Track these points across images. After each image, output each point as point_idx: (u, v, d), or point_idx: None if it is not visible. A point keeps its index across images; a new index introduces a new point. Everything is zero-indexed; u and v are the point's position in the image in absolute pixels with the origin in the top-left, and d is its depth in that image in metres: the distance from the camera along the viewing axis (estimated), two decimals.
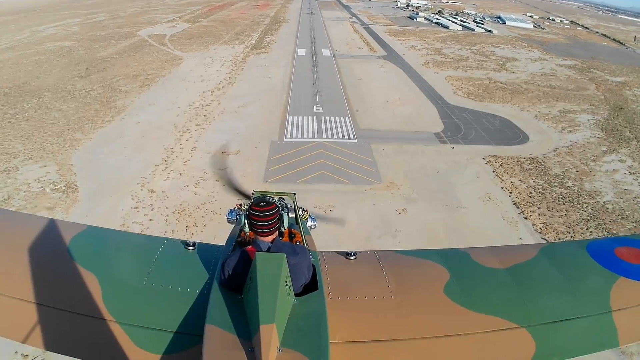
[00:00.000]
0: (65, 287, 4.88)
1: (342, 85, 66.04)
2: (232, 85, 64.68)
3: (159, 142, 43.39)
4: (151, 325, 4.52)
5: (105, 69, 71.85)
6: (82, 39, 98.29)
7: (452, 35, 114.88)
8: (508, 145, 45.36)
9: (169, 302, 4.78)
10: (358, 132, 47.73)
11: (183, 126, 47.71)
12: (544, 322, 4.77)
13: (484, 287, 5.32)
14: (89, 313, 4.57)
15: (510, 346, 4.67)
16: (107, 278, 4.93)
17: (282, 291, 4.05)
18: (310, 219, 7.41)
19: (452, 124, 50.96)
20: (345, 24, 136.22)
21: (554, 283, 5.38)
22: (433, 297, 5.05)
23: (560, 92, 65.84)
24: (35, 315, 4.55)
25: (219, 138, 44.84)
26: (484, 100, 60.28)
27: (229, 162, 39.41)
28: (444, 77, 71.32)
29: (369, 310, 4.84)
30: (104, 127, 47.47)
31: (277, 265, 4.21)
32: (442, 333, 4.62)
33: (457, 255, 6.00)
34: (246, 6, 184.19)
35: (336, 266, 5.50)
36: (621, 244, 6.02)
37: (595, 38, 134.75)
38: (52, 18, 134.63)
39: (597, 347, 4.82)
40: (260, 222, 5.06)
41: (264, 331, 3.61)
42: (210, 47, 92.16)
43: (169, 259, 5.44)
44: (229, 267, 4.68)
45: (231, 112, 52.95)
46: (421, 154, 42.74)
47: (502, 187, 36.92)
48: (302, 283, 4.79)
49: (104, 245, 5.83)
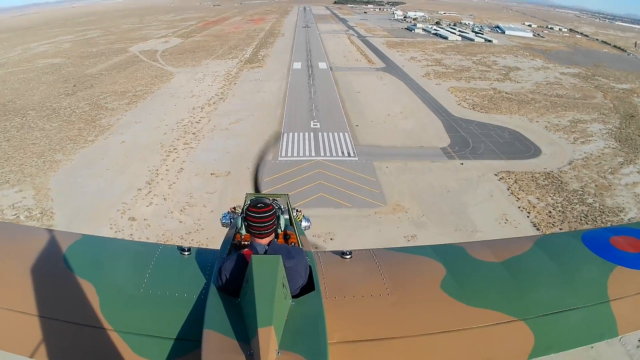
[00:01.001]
0: (63, 297, 4.76)
1: (340, 99, 63.52)
2: (223, 101, 62.16)
3: (143, 163, 40.43)
4: (150, 332, 4.42)
5: (93, 85, 70.36)
6: (72, 56, 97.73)
7: (451, 46, 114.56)
8: (520, 160, 42.64)
9: (166, 308, 4.66)
10: (359, 148, 44.59)
11: (170, 145, 44.72)
12: (541, 314, 4.72)
13: (481, 281, 5.23)
14: (87, 322, 4.49)
15: (509, 339, 4.61)
16: (104, 286, 4.83)
17: (279, 293, 3.96)
18: (304, 219, 7.30)
19: (459, 137, 48.07)
20: (342, 37, 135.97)
21: (551, 274, 5.31)
22: (430, 293, 4.97)
23: (567, 101, 64.02)
24: (32, 326, 4.47)
25: (208, 158, 41.77)
26: (490, 111, 58.12)
27: (217, 184, 36.25)
28: (446, 89, 69.37)
29: (367, 309, 4.77)
30: (87, 147, 44.85)
31: (273, 267, 4.11)
32: (441, 329, 4.56)
33: (453, 250, 5.94)
34: (241, 21, 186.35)
35: (332, 266, 5.42)
36: (616, 233, 5.98)
37: (596, 45, 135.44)
38: (45, 35, 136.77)
39: (596, 338, 4.78)
40: (258, 223, 4.94)
41: (262, 334, 3.55)
42: (203, 62, 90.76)
43: (165, 265, 5.31)
44: (226, 271, 4.60)
45: (222, 129, 50.05)
46: (428, 171, 39.59)
47: (519, 207, 33.98)
48: (299, 284, 4.70)
49: (100, 253, 5.70)
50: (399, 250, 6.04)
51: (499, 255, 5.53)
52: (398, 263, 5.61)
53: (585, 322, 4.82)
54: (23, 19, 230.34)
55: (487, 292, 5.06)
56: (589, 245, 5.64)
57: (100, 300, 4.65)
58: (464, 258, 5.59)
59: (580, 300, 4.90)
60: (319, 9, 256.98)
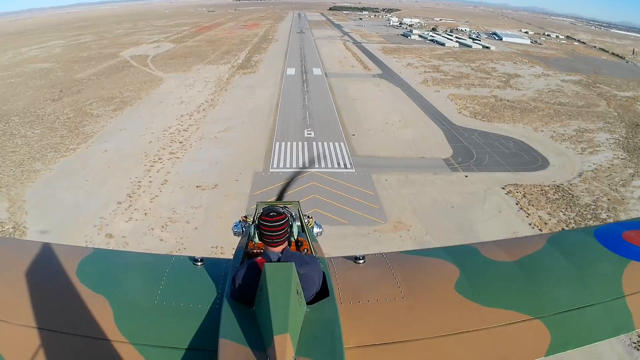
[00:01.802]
0: (76, 312, 4.58)
1: (335, 107, 61.22)
2: (213, 107, 59.80)
3: (125, 174, 37.85)
4: (164, 343, 4.31)
5: (80, 91, 68.45)
6: (62, 61, 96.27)
7: (449, 52, 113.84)
8: (528, 172, 40.47)
9: (180, 319, 4.54)
10: (356, 160, 41.97)
11: (155, 155, 42.10)
12: (557, 312, 4.64)
13: (495, 281, 5.13)
14: (102, 336, 4.35)
15: (525, 338, 4.50)
16: (117, 300, 4.68)
17: (294, 300, 3.82)
18: (316, 225, 7.06)
19: (462, 148, 45.69)
20: (337, 43, 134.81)
21: (564, 272, 5.23)
22: (444, 295, 4.85)
23: (571, 109, 62.37)
24: (47, 342, 4.31)
25: (195, 169, 39.15)
26: (492, 120, 56.16)
27: (203, 198, 33.61)
28: (446, 96, 67.65)
29: (381, 313, 4.65)
30: (68, 156, 42.44)
31: (287, 275, 3.98)
32: (456, 330, 4.45)
33: (466, 251, 5.83)
34: (234, 26, 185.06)
35: (346, 271, 5.29)
36: (628, 228, 5.86)
37: (594, 52, 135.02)
38: (38, 40, 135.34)
39: (612, 333, 4.73)
40: (271, 232, 4.73)
41: (278, 341, 3.42)
42: (194, 67, 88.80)
43: (178, 276, 5.17)
44: (239, 280, 4.46)
45: (210, 138, 47.43)
46: (431, 184, 37.10)
47: (530, 224, 31.64)
48: (314, 291, 4.60)
49: (112, 267, 5.56)
50: (412, 253, 5.95)
51: (512, 254, 5.44)
52: (411, 266, 5.51)
53: (601, 317, 4.71)
54: (18, 24, 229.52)
55: (501, 291, 4.96)
56: (602, 240, 5.55)
57: (115, 314, 4.50)
58: (477, 258, 5.48)
59: (595, 296, 4.81)
60: (313, 15, 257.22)
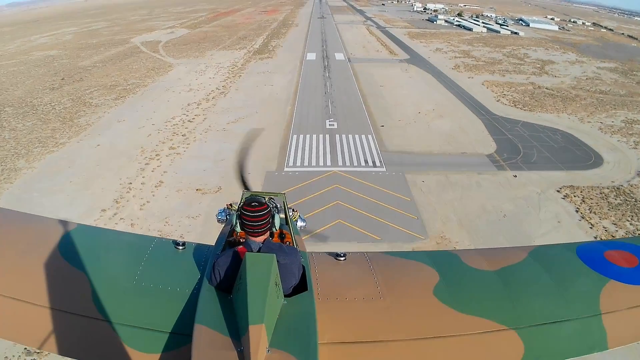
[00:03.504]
0: (55, 286, 4.70)
1: (360, 94, 55.31)
2: (224, 95, 54.40)
3: (115, 175, 32.66)
4: (141, 324, 4.35)
5: (83, 79, 63.95)
6: (70, 48, 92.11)
7: (477, 38, 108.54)
8: (582, 170, 34.91)
9: (158, 301, 4.58)
10: (386, 156, 36.00)
11: (152, 150, 36.79)
12: (532, 324, 4.65)
13: (473, 289, 5.12)
14: (79, 312, 4.45)
15: (499, 348, 4.54)
16: (96, 277, 4.77)
17: (272, 291, 3.90)
18: (300, 219, 7.20)
19: (506, 141, 39.80)
20: (360, 27, 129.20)
21: (543, 285, 5.22)
22: (422, 298, 4.88)
23: (613, 98, 57.13)
24: (24, 313, 4.45)
25: (196, 167, 33.67)
26: (534, 109, 50.59)
27: (202, 205, 28.09)
28: (480, 82, 62.24)
29: (358, 311, 4.70)
30: (55, 151, 37.53)
31: (267, 266, 4.03)
32: (431, 334, 4.51)
33: (447, 257, 5.89)
34: (253, 12, 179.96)
35: (326, 267, 5.33)
36: (611, 247, 5.95)
37: (624, 40, 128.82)
38: (50, 28, 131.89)
39: (586, 350, 4.69)
40: (252, 222, 4.82)
41: (253, 331, 3.49)
42: (207, 52, 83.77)
43: (159, 258, 5.24)
44: (220, 267, 4.48)
45: (218, 130, 41.94)
46: (476, 187, 31.21)
47: (595, 237, 26.20)
48: (292, 284, 4.62)
49: (95, 243, 5.58)
50: (394, 255, 5.80)
51: (493, 264, 5.40)
52: (392, 267, 5.45)
53: (576, 334, 4.73)
54: (33, 13, 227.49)
55: (479, 300, 4.91)
56: (583, 258, 5.53)
57: (93, 291, 4.55)
58: (458, 265, 5.43)
59: (572, 312, 4.82)
60: (335, 1, 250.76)
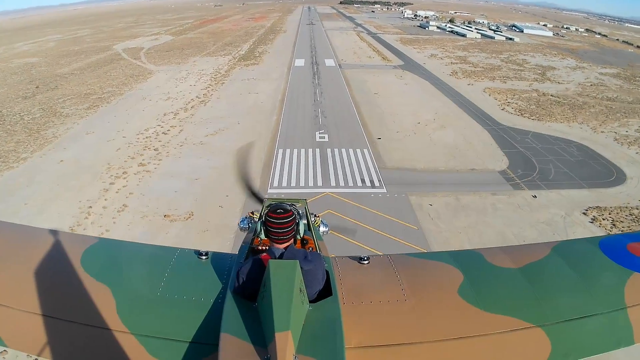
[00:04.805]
0: (79, 300, 4.57)
1: (353, 103, 51.49)
2: (205, 104, 50.33)
3: (75, 196, 28.35)
4: (166, 335, 4.30)
5: (58, 86, 60.76)
6: (51, 55, 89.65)
7: (472, 44, 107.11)
8: (605, 188, 31.16)
9: (183, 311, 4.50)
10: (386, 174, 31.59)
11: (119, 167, 32.41)
12: (559, 321, 4.53)
13: (498, 288, 4.95)
14: (104, 325, 4.36)
15: (526, 346, 4.39)
16: (120, 290, 4.67)
17: (297, 298, 3.77)
18: (322, 224, 7.23)
19: (518, 155, 35.71)
20: (350, 33, 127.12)
21: (568, 281, 5.05)
22: (447, 299, 4.73)
23: (622, 105, 54.40)
24: (49, 328, 4.37)
25: (167, 188, 29.33)
26: (543, 118, 47.14)
27: (170, 235, 23.69)
28: (482, 90, 59.23)
29: (384, 314, 4.56)
30: (15, 168, 33.45)
31: (291, 272, 3.90)
32: (457, 335, 4.38)
33: (470, 256, 5.68)
34: (241, 19, 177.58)
35: (350, 271, 5.14)
36: (634, 240, 5.74)
37: (619, 45, 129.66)
38: (35, 35, 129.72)
39: (612, 345, 4.53)
40: (278, 229, 4.76)
41: (280, 338, 3.38)
42: (190, 59, 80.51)
43: (182, 268, 5.09)
44: (243, 275, 4.39)
45: (194, 143, 37.61)
46: (492, 210, 26.92)
47: None
48: (317, 289, 4.48)
49: (117, 257, 5.46)
50: (417, 256, 5.65)
51: (517, 261, 5.22)
52: (415, 269, 5.29)
53: (602, 329, 4.56)
54: (21, 20, 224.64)
55: (504, 298, 4.77)
56: (606, 251, 5.33)
57: (117, 303, 4.48)
58: (482, 264, 5.25)
59: (597, 307, 4.65)
60: (324, 8, 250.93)
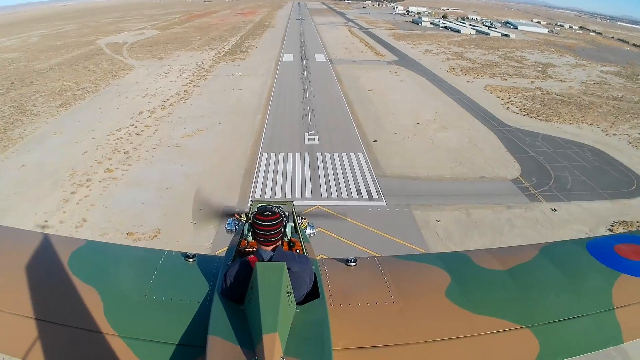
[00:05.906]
0: (66, 302, 4.65)
1: (345, 100, 47.80)
2: (184, 101, 46.56)
3: (32, 207, 24.61)
4: (153, 337, 4.34)
5: (33, 82, 57.00)
6: (32, 50, 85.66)
7: (467, 40, 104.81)
8: (628, 198, 27.88)
9: (170, 314, 4.58)
10: (384, 183, 27.77)
11: (84, 173, 28.63)
12: (546, 322, 4.66)
13: (486, 289, 5.12)
14: (91, 327, 4.41)
15: (514, 347, 4.51)
16: (108, 292, 4.75)
17: (284, 300, 3.88)
18: (309, 227, 7.27)
19: (530, 161, 32.23)
20: (341, 28, 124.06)
21: (555, 282, 5.23)
22: (435, 300, 4.89)
23: (629, 105, 51.84)
24: (36, 331, 4.39)
25: (133, 199, 25.48)
26: (550, 118, 44.02)
27: None
28: (482, 87, 56.33)
29: (371, 316, 4.69)
30: None
31: (278, 274, 4.01)
32: (445, 336, 4.49)
33: (458, 258, 5.87)
34: (229, 14, 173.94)
35: (337, 273, 5.34)
36: (620, 241, 5.94)
37: (615, 43, 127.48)
38: (20, 30, 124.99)
39: (601, 345, 4.68)
40: (265, 231, 4.86)
41: (267, 340, 3.48)
42: (174, 54, 77.11)
43: (169, 271, 5.23)
44: (231, 277, 4.51)
45: (169, 145, 33.77)
46: (509, 228, 23.32)
47: None
48: (304, 292, 4.61)
49: (104, 259, 5.61)
50: (404, 258, 5.92)
51: (504, 263, 5.40)
52: (403, 270, 5.46)
53: (590, 329, 4.71)
54: (9, 16, 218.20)
55: (491, 300, 4.91)
56: (594, 253, 5.55)
57: (104, 306, 4.53)
58: (469, 266, 5.43)
59: (585, 307, 4.82)
60: (314, 3, 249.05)
